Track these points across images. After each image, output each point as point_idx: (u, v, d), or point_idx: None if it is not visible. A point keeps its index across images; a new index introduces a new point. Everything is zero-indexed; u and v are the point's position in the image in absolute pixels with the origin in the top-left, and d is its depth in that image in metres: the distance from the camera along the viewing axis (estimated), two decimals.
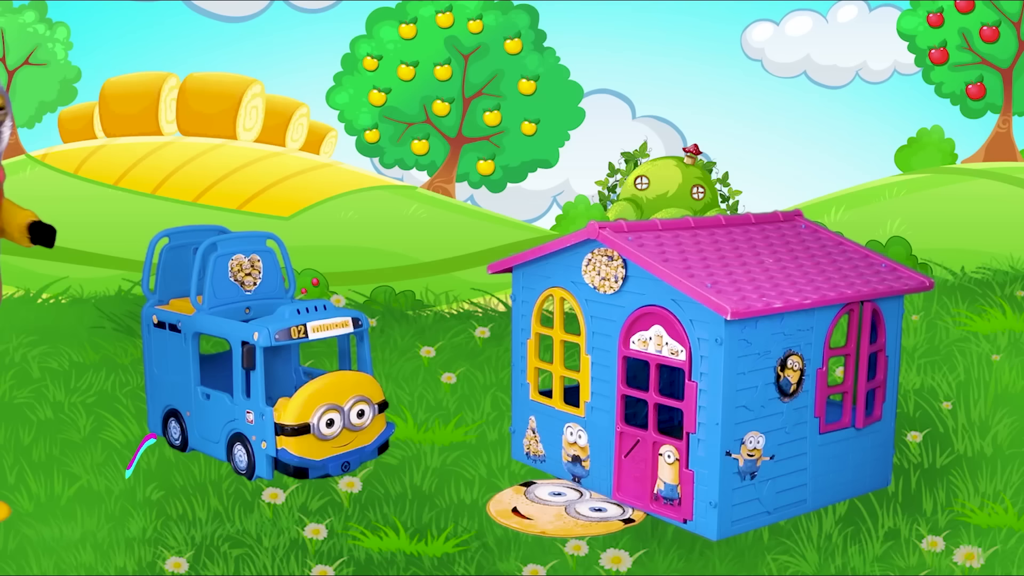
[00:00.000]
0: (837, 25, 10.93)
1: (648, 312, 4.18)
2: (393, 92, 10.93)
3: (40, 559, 3.92)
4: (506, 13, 10.86)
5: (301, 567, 3.85)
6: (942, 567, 3.82)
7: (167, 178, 10.80)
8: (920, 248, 8.63)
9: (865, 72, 10.89)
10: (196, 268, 5.08)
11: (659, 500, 4.24)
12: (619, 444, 4.39)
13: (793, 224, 4.88)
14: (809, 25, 10.99)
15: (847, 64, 10.94)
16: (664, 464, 4.20)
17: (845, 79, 10.91)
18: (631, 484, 4.37)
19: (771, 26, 11.02)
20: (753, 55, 11.02)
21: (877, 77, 10.87)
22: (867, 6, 10.77)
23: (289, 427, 4.64)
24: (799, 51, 10.97)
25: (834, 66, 10.92)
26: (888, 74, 10.85)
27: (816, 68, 11.00)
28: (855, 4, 10.77)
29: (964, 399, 5.69)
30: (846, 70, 10.94)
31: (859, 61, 10.89)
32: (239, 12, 10.82)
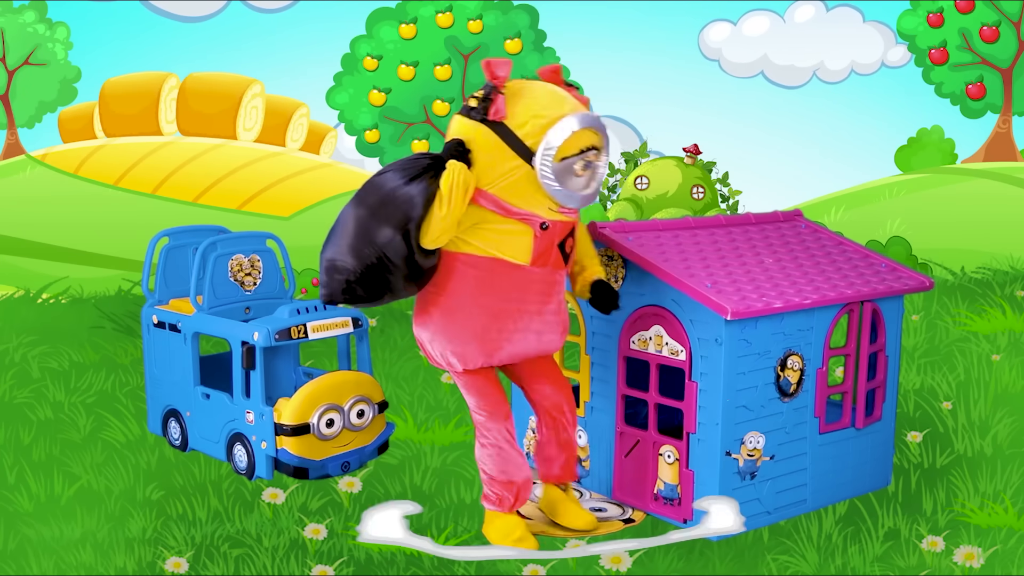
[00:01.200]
0: (794, 25, 10.94)
1: (648, 312, 4.18)
2: (393, 92, 10.92)
3: (40, 559, 3.92)
4: (506, 13, 10.86)
5: (301, 567, 3.85)
6: (942, 567, 3.82)
7: (167, 178, 10.81)
8: (920, 248, 8.63)
9: (822, 72, 10.90)
10: (196, 268, 5.08)
11: (659, 500, 4.24)
12: (619, 444, 4.39)
13: (793, 224, 4.87)
14: (766, 25, 10.99)
15: (804, 64, 10.96)
16: (664, 464, 4.20)
17: (802, 79, 10.92)
18: (631, 484, 4.37)
19: (728, 26, 11.03)
20: (710, 55, 11.04)
21: (834, 77, 10.89)
22: (824, 6, 10.78)
23: (289, 427, 4.64)
24: (756, 51, 10.98)
25: (791, 66, 10.93)
26: (845, 74, 10.85)
27: (773, 68, 11.01)
28: (812, 4, 10.79)
29: (964, 399, 5.69)
30: (803, 70, 10.96)
31: (816, 61, 10.90)
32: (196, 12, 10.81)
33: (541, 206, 3.75)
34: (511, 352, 3.92)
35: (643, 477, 4.31)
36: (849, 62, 10.85)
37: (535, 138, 3.67)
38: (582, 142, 3.70)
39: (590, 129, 3.71)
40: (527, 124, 3.67)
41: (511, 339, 3.89)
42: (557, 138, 3.66)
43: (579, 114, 3.70)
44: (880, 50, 10.85)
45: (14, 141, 11.11)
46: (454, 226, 3.72)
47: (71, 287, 9.16)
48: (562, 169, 3.69)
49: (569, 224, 3.87)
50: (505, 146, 3.68)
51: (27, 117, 11.15)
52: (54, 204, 10.46)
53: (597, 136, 3.75)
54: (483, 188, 3.73)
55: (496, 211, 3.75)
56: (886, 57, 10.84)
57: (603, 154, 3.78)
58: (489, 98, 3.69)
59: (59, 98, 11.14)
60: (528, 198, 3.73)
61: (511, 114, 3.69)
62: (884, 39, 10.84)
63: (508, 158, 3.69)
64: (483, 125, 3.69)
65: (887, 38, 10.84)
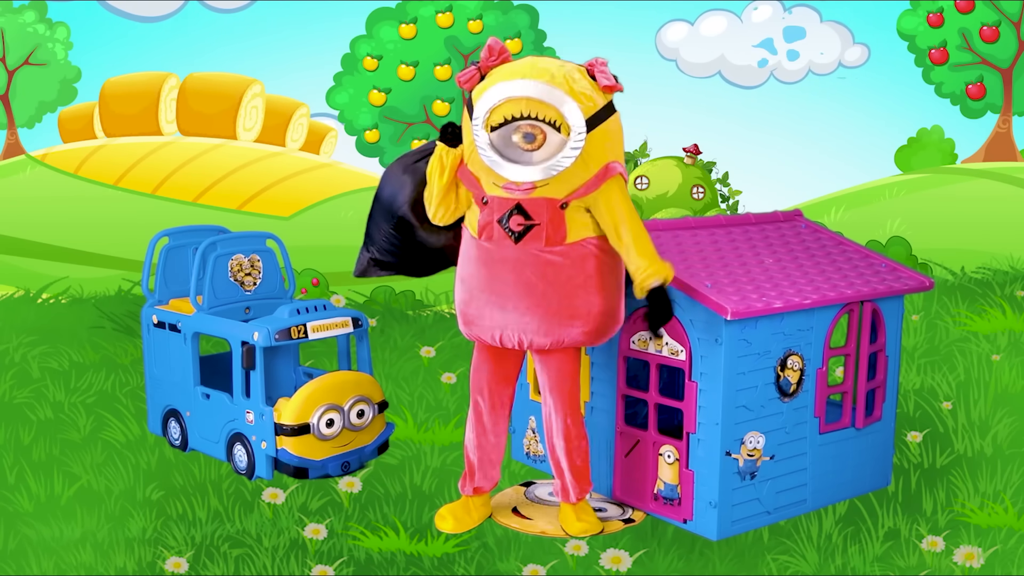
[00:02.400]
0: (751, 25, 10.93)
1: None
2: (393, 92, 10.92)
3: (40, 559, 3.92)
4: (506, 13, 10.86)
5: (301, 567, 3.85)
6: (942, 567, 3.82)
7: (167, 178, 10.81)
8: (920, 248, 8.63)
9: (779, 72, 10.89)
10: (196, 268, 5.08)
11: (659, 500, 4.24)
12: (619, 444, 4.39)
13: (793, 224, 4.87)
14: (723, 25, 10.99)
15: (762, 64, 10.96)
16: (664, 464, 4.20)
17: (759, 79, 10.91)
18: (631, 484, 4.37)
19: (686, 26, 11.04)
20: (668, 55, 11.04)
21: (791, 77, 10.88)
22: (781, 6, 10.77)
23: (289, 427, 4.64)
24: (713, 51, 10.97)
25: (748, 66, 10.92)
26: (803, 74, 10.85)
27: (730, 68, 11.01)
28: (769, 4, 10.78)
29: (964, 399, 5.69)
30: (760, 70, 10.95)
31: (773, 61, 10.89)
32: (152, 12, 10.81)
33: (486, 180, 3.79)
34: (479, 333, 3.97)
35: (643, 477, 4.31)
36: (806, 62, 10.85)
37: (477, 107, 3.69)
38: (507, 110, 3.59)
39: (521, 98, 3.57)
40: (477, 93, 3.71)
41: (477, 318, 3.94)
42: (483, 107, 3.63)
43: (504, 84, 3.60)
44: (837, 50, 10.85)
45: (14, 141, 11.11)
46: (444, 201, 3.86)
47: (71, 287, 9.16)
48: (500, 140, 3.63)
49: (511, 201, 3.75)
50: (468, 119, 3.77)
51: (27, 117, 11.15)
52: (54, 204, 10.46)
53: (530, 104, 3.57)
54: (466, 163, 3.84)
55: (466, 184, 3.86)
56: (843, 57, 10.84)
57: (544, 125, 3.58)
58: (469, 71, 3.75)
59: (59, 98, 11.13)
60: (480, 170, 3.79)
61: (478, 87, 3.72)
62: (841, 39, 10.85)
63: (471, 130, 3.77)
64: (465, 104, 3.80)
65: (844, 38, 10.85)
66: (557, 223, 3.74)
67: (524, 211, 3.74)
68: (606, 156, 3.75)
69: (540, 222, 3.74)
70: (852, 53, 10.81)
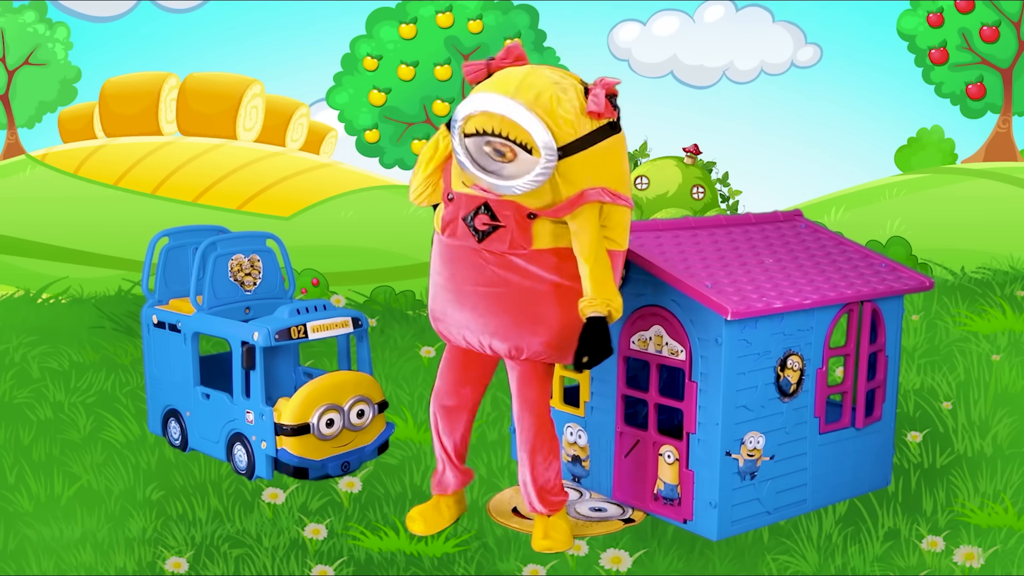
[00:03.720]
0: (704, 25, 10.93)
1: (648, 312, 4.18)
2: (393, 92, 10.91)
3: (40, 559, 3.92)
4: (506, 13, 10.85)
5: (301, 567, 3.85)
6: (942, 567, 3.82)
7: (167, 178, 10.81)
8: (920, 248, 8.63)
9: (732, 72, 10.89)
10: (196, 268, 5.08)
11: (659, 500, 4.24)
12: (619, 444, 4.39)
13: (793, 224, 4.87)
14: (676, 25, 10.97)
15: (714, 64, 10.93)
16: (664, 464, 4.20)
17: (712, 79, 10.91)
18: (631, 484, 4.37)
19: (638, 26, 11.00)
20: (620, 55, 11.01)
21: (744, 77, 10.88)
22: (734, 6, 10.77)
23: (289, 427, 4.64)
24: (666, 51, 10.96)
25: (701, 66, 10.91)
26: (755, 74, 10.85)
27: (683, 68, 10.98)
28: (722, 4, 10.77)
29: (964, 399, 5.69)
30: (713, 70, 10.93)
31: (726, 61, 10.89)
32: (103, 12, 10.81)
33: (457, 177, 3.78)
34: (446, 331, 3.96)
35: (643, 477, 4.31)
36: (759, 62, 10.85)
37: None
38: (480, 123, 3.54)
39: (489, 113, 3.53)
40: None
41: (442, 316, 3.93)
42: (460, 112, 3.62)
43: (484, 95, 3.55)
44: (790, 50, 10.85)
45: (14, 141, 11.10)
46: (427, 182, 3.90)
47: (71, 287, 9.15)
48: (473, 146, 3.60)
49: (478, 199, 3.70)
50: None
51: (27, 117, 11.14)
52: (54, 204, 10.45)
53: (503, 123, 3.50)
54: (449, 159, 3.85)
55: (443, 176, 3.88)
56: (796, 57, 10.83)
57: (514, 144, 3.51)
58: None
59: (59, 98, 11.12)
60: (454, 166, 3.78)
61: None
62: (794, 39, 10.84)
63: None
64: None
65: (797, 38, 10.84)
66: (523, 228, 3.68)
67: (491, 211, 3.69)
68: (587, 181, 3.60)
69: (506, 225, 3.68)
70: (804, 53, 10.80)
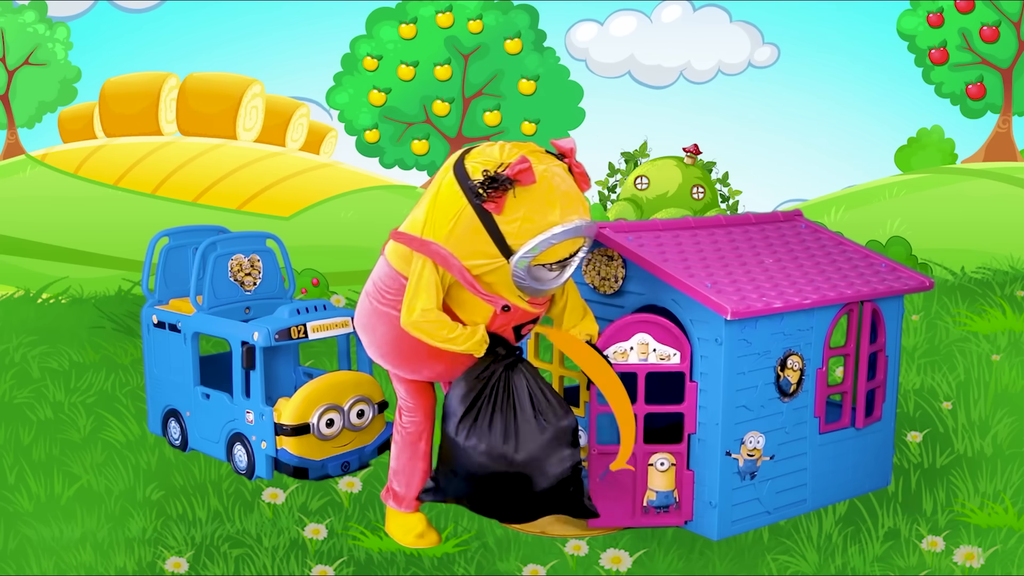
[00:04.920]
0: (661, 25, 10.95)
1: (627, 323, 4.04)
2: (393, 92, 10.92)
3: (40, 559, 3.92)
4: (506, 13, 10.86)
5: (301, 567, 3.85)
6: (942, 567, 3.82)
7: (167, 178, 10.81)
8: (920, 248, 8.63)
9: (689, 72, 10.91)
10: (196, 268, 5.08)
11: (650, 512, 4.13)
12: (594, 466, 4.11)
13: (793, 224, 4.87)
14: (633, 25, 11.00)
15: (671, 64, 10.96)
16: (656, 473, 4.11)
17: (669, 79, 10.93)
18: (612, 504, 4.11)
19: (595, 26, 11.05)
20: (577, 55, 11.06)
21: (701, 77, 10.90)
22: (691, 6, 10.79)
23: (289, 427, 4.64)
24: (623, 51, 10.98)
25: (658, 66, 10.93)
26: (712, 74, 10.86)
27: (640, 68, 11.01)
28: (679, 4, 10.80)
29: (964, 399, 5.69)
30: (670, 70, 10.96)
31: (683, 61, 10.90)
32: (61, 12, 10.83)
33: (511, 293, 3.69)
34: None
35: (624, 495, 4.12)
36: (716, 62, 10.86)
37: (518, 241, 3.52)
38: (562, 252, 3.59)
39: (573, 239, 3.59)
40: (514, 224, 3.51)
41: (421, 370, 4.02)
42: (538, 248, 3.54)
43: (565, 226, 3.53)
44: (747, 50, 10.86)
45: (14, 141, 11.11)
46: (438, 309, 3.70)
47: (71, 287, 9.16)
48: (536, 269, 3.62)
49: (532, 314, 3.80)
50: (487, 236, 3.55)
51: (27, 117, 11.15)
52: (54, 204, 10.46)
53: (580, 242, 3.63)
54: (454, 258, 3.60)
55: (463, 283, 3.65)
56: (753, 57, 10.84)
57: (582, 251, 3.67)
58: (498, 190, 3.48)
59: (59, 98, 11.13)
60: (498, 287, 3.66)
61: (504, 207, 3.51)
62: (751, 39, 10.86)
63: (486, 249, 3.57)
64: (471, 206, 3.53)
65: (754, 38, 10.86)
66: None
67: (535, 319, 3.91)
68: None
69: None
70: (761, 53, 10.83)
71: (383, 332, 3.86)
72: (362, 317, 3.96)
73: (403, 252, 3.71)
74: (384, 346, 3.89)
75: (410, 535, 4.08)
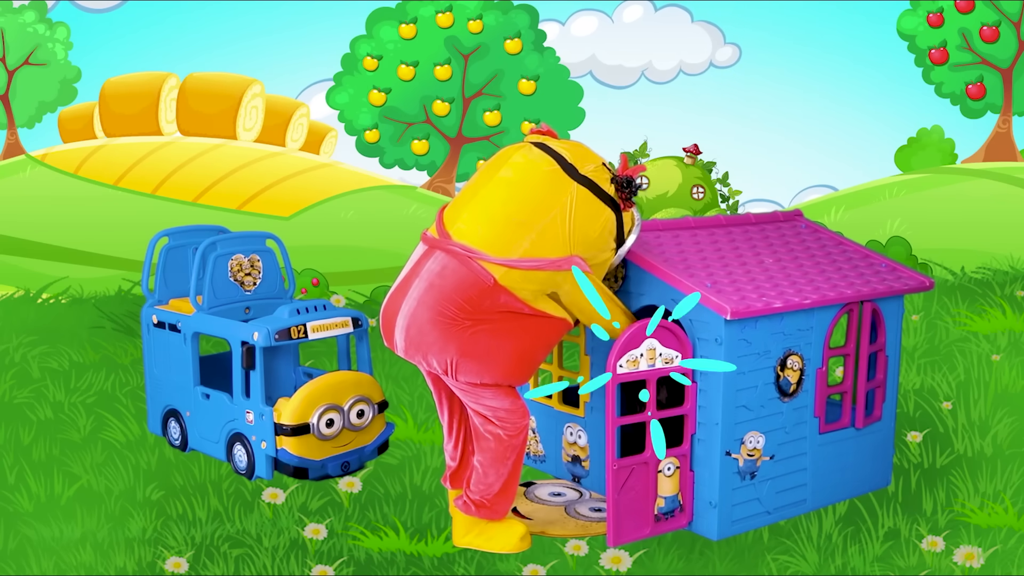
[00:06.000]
0: (622, 25, 10.96)
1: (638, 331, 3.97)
2: (393, 92, 10.92)
3: (40, 559, 3.92)
4: (506, 13, 10.86)
5: (301, 567, 3.85)
6: (942, 567, 3.82)
7: (167, 178, 10.81)
8: (920, 248, 8.63)
9: (651, 72, 10.92)
10: (196, 268, 5.08)
11: (661, 519, 4.10)
12: (614, 481, 3.99)
13: (793, 224, 4.87)
14: (595, 25, 11.01)
15: (632, 64, 10.97)
16: (663, 479, 4.07)
17: (631, 79, 10.94)
18: (630, 519, 4.04)
19: (557, 26, 11.07)
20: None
21: (662, 77, 10.90)
22: (652, 7, 10.80)
23: (289, 427, 4.64)
24: (585, 51, 11.00)
25: (620, 66, 10.94)
26: (673, 74, 10.86)
27: (602, 68, 11.04)
28: (640, 4, 10.80)
29: (964, 399, 5.69)
30: (632, 70, 10.97)
31: (644, 61, 10.91)
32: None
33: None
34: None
35: (642, 506, 4.07)
36: (678, 62, 10.87)
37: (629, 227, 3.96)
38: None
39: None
40: (630, 224, 3.95)
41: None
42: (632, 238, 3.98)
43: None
44: (708, 50, 10.87)
45: (14, 141, 11.11)
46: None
47: (71, 287, 9.16)
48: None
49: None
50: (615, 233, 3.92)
51: (27, 117, 11.15)
52: (54, 204, 10.46)
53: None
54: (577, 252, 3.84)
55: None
56: (714, 57, 10.85)
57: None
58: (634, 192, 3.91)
59: (59, 98, 11.13)
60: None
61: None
62: (712, 39, 10.87)
63: (609, 244, 3.91)
64: (609, 207, 3.87)
65: (715, 38, 10.86)
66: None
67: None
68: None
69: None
70: (723, 53, 10.83)
71: (512, 347, 3.85)
72: (474, 347, 3.82)
73: (528, 275, 3.77)
74: (512, 360, 3.87)
75: (514, 539, 4.01)
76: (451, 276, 3.79)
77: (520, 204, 3.81)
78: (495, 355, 3.83)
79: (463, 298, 3.77)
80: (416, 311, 3.83)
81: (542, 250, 3.76)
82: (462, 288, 3.77)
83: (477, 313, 3.78)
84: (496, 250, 3.75)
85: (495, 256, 3.75)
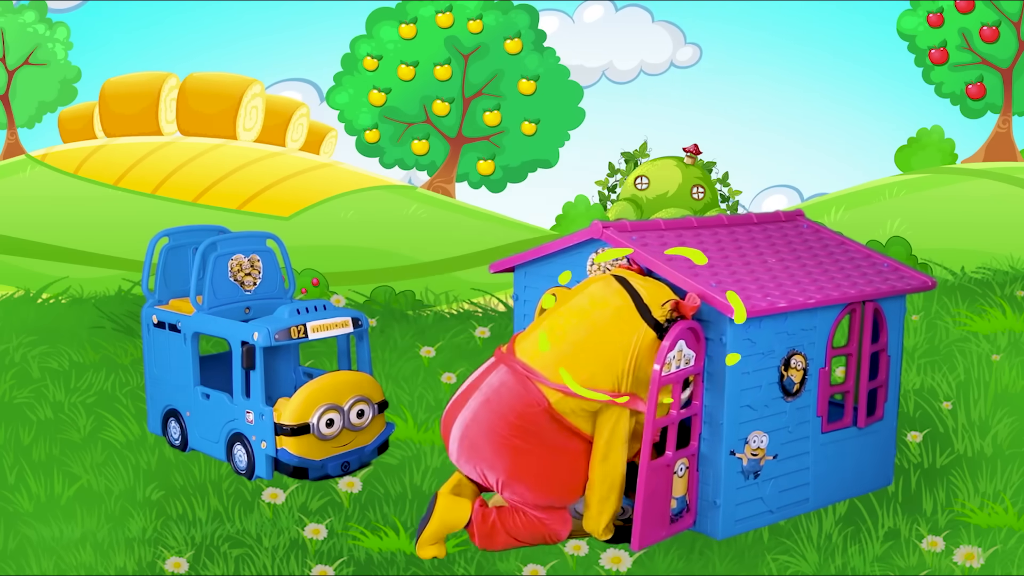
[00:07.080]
0: (583, 25, 10.94)
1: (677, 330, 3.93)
2: (393, 92, 10.91)
3: (40, 559, 3.92)
4: (506, 13, 10.85)
5: (301, 567, 3.85)
6: (942, 567, 3.81)
7: (167, 178, 10.80)
8: (920, 248, 8.63)
9: (611, 72, 10.91)
10: (196, 268, 5.07)
11: (673, 521, 4.10)
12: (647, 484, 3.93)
13: (795, 224, 4.87)
14: (555, 25, 10.99)
15: (593, 64, 10.95)
16: (676, 480, 4.06)
17: (592, 79, 10.94)
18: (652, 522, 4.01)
19: None
20: None
21: (623, 77, 10.89)
22: (613, 6, 10.79)
23: (289, 427, 4.63)
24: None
25: (580, 66, 10.93)
26: (634, 74, 10.86)
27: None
28: (601, 4, 10.79)
29: (964, 399, 5.68)
30: (592, 70, 10.95)
31: (605, 61, 10.90)
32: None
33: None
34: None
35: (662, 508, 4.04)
36: (638, 62, 10.86)
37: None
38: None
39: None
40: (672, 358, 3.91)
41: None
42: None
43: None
44: (669, 50, 10.86)
45: (14, 141, 11.10)
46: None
47: (71, 287, 9.15)
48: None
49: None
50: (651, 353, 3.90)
51: (27, 117, 11.13)
52: (54, 204, 10.44)
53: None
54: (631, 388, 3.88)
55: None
56: (675, 57, 10.84)
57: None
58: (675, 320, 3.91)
59: (59, 98, 11.12)
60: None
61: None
62: (673, 39, 10.86)
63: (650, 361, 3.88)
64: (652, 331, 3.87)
65: (676, 38, 10.86)
66: None
67: None
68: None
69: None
70: (684, 53, 10.82)
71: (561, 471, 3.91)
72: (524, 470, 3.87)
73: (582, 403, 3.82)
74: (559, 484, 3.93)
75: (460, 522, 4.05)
76: (507, 394, 3.85)
77: (587, 335, 3.85)
78: (543, 479, 3.88)
79: (516, 416, 3.82)
80: (470, 424, 3.89)
81: (601, 381, 3.81)
82: (517, 407, 3.83)
83: (529, 433, 3.81)
84: (556, 375, 3.79)
85: (554, 382, 3.78)
